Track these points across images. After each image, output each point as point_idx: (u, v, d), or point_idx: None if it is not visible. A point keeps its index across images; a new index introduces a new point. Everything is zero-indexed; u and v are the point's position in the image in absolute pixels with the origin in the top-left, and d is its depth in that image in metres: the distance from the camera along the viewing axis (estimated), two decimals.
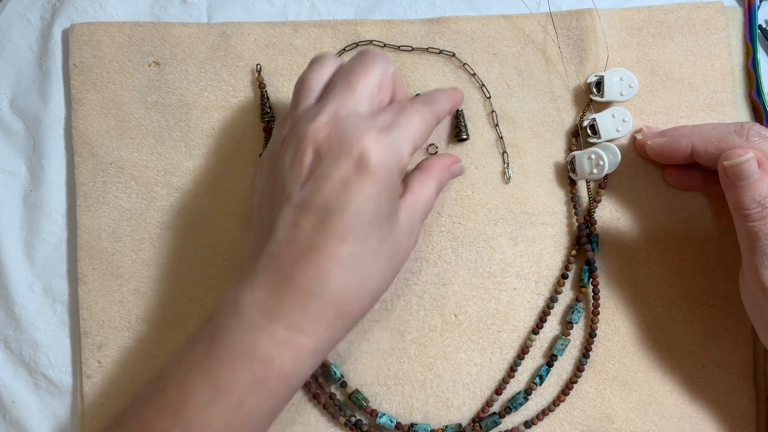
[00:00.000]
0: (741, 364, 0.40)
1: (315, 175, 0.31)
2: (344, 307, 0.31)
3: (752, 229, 0.33)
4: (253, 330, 0.30)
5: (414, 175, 0.37)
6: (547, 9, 0.42)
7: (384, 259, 0.32)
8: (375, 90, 0.33)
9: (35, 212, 0.42)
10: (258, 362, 0.30)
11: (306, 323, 0.30)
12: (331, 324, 0.31)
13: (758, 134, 0.34)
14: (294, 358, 0.30)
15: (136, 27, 0.42)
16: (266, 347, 0.30)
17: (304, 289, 0.30)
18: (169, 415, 0.30)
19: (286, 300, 0.30)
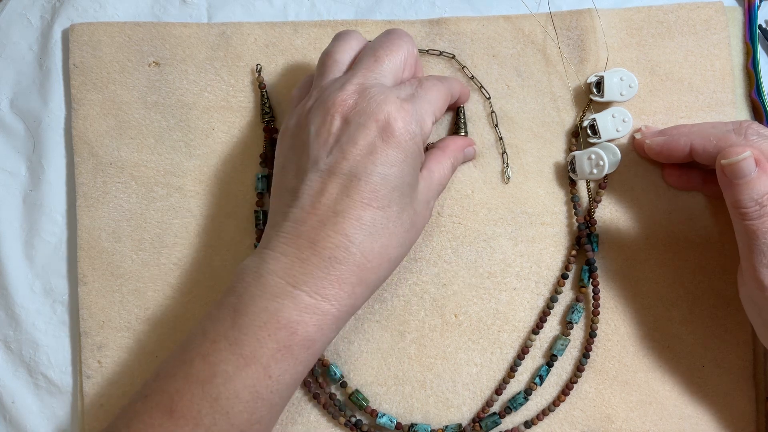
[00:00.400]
0: (741, 364, 0.40)
1: (341, 141, 0.32)
2: (365, 274, 0.32)
3: (750, 227, 0.33)
4: (278, 297, 0.30)
5: (431, 153, 0.38)
6: (547, 9, 0.42)
7: (403, 227, 0.33)
8: (400, 66, 0.35)
9: (35, 212, 0.42)
10: (283, 329, 0.30)
11: (329, 289, 0.31)
12: (353, 290, 0.32)
13: (756, 133, 0.34)
14: (318, 324, 0.31)
15: (136, 27, 0.42)
16: (291, 314, 0.30)
17: (328, 255, 0.31)
18: (197, 385, 0.30)
19: (309, 266, 0.31)
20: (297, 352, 0.31)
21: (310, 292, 0.31)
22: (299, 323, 0.30)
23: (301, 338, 0.30)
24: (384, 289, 0.41)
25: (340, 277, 0.31)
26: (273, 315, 0.30)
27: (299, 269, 0.31)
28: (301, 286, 0.31)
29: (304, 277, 0.31)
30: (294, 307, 0.30)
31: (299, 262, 0.31)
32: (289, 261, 0.31)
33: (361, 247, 0.31)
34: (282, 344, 0.30)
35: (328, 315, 0.31)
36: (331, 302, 0.31)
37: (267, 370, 0.30)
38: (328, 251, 0.31)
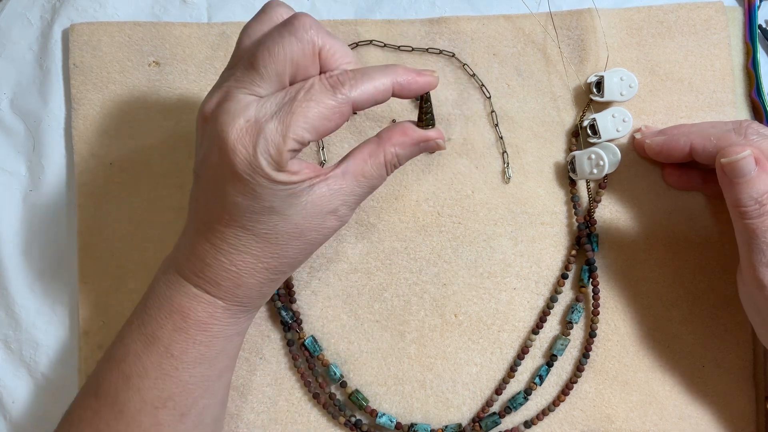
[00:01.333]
0: (741, 363, 0.40)
1: (200, 155, 0.32)
2: (241, 280, 0.33)
3: (750, 226, 0.33)
4: (172, 285, 0.33)
5: (363, 146, 0.33)
6: (547, 9, 0.42)
7: (279, 242, 0.32)
8: (285, 69, 0.30)
9: (35, 212, 0.42)
10: (176, 313, 0.33)
11: (208, 286, 0.33)
12: (232, 291, 0.33)
13: (756, 132, 0.34)
14: (207, 311, 0.33)
15: (136, 27, 0.42)
16: (181, 300, 0.33)
17: (202, 258, 0.32)
18: (114, 365, 0.33)
19: (190, 264, 0.33)
20: (193, 333, 0.33)
21: (194, 285, 0.33)
22: (189, 309, 0.33)
23: (193, 321, 0.33)
24: (384, 289, 0.41)
25: (213, 278, 0.32)
26: (167, 299, 0.33)
27: (185, 264, 0.33)
28: (189, 278, 0.33)
29: (189, 271, 0.33)
30: (184, 296, 0.33)
31: (185, 258, 0.33)
32: (181, 255, 0.33)
33: (228, 257, 0.32)
34: (177, 326, 0.33)
35: (215, 305, 0.33)
36: (214, 296, 0.33)
37: (168, 348, 0.33)
38: (201, 254, 0.32)
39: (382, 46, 0.42)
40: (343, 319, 0.40)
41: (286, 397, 0.40)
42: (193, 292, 0.33)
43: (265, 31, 0.31)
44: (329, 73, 0.31)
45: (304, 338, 0.40)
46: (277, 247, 0.32)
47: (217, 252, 0.32)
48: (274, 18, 0.32)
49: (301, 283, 0.41)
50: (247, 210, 0.30)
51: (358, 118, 0.42)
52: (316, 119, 0.29)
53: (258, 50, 0.30)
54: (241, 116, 0.29)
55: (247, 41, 0.32)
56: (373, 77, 0.31)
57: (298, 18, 0.30)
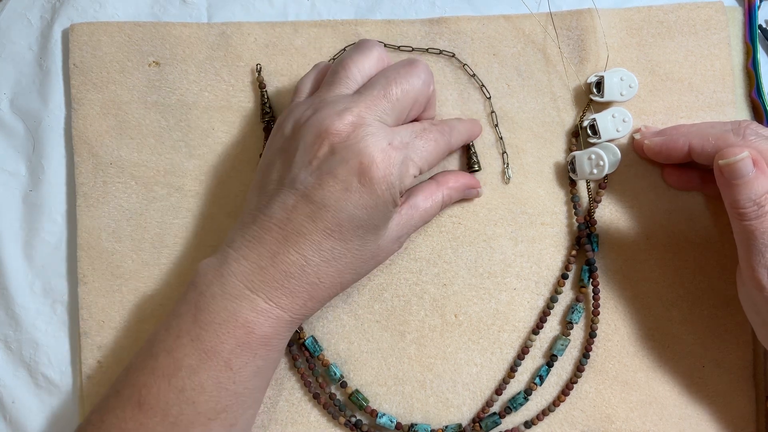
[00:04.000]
0: (741, 364, 0.40)
1: (323, 168, 0.32)
2: (316, 292, 0.34)
3: (748, 227, 0.33)
4: (237, 299, 0.32)
5: (424, 185, 0.38)
6: (547, 9, 0.42)
7: (361, 258, 0.34)
8: (408, 106, 0.35)
9: (35, 212, 0.42)
10: (241, 328, 0.32)
11: (282, 299, 0.33)
12: (304, 303, 0.34)
13: (755, 133, 0.34)
14: (273, 326, 0.33)
15: (136, 27, 0.42)
16: (248, 315, 0.32)
17: (285, 270, 0.32)
18: (163, 379, 0.32)
19: (267, 275, 0.32)
20: (255, 347, 0.33)
21: (266, 299, 0.32)
22: (256, 323, 0.32)
23: (258, 336, 0.33)
24: (384, 289, 0.41)
25: (292, 290, 0.33)
26: (232, 314, 0.32)
27: (258, 276, 0.32)
28: (258, 291, 0.32)
29: (261, 284, 0.32)
30: (251, 309, 0.32)
31: (258, 269, 0.32)
32: (249, 266, 0.33)
33: (316, 269, 0.33)
34: (240, 341, 0.32)
35: (281, 319, 0.33)
36: (284, 309, 0.33)
37: (228, 363, 0.32)
38: (285, 266, 0.32)
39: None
40: (343, 319, 0.40)
41: (287, 397, 0.40)
42: (262, 307, 0.32)
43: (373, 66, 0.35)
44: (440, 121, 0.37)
45: (304, 338, 0.40)
46: (359, 264, 0.34)
47: (305, 263, 0.32)
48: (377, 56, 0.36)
49: None
50: (359, 223, 0.33)
51: None
52: (432, 156, 0.35)
53: (391, 84, 0.34)
54: (384, 140, 0.32)
55: (357, 74, 0.35)
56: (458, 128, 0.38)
57: (421, 63, 0.35)
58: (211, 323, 0.32)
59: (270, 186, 0.34)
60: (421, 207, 0.37)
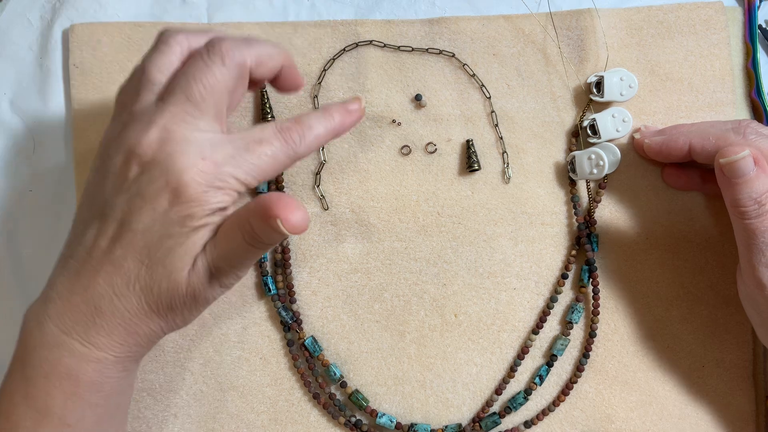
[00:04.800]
0: (740, 363, 0.40)
1: (132, 191, 0.29)
2: (133, 328, 0.30)
3: (749, 226, 0.33)
4: (54, 347, 0.29)
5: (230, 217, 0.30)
6: (547, 9, 0.42)
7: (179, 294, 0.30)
8: (221, 98, 0.30)
9: (35, 212, 0.42)
10: (65, 378, 0.29)
11: (97, 338, 0.29)
12: (124, 340, 0.30)
13: (755, 132, 0.34)
14: (98, 370, 0.30)
15: (136, 27, 0.42)
16: (69, 362, 0.29)
17: (95, 305, 0.29)
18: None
19: (78, 313, 0.29)
20: (87, 396, 0.30)
21: (81, 341, 0.29)
22: (79, 370, 0.29)
23: (86, 383, 0.30)
24: (384, 289, 0.41)
25: (106, 327, 0.29)
26: (53, 365, 0.29)
27: (70, 316, 0.29)
28: (72, 333, 0.29)
29: (74, 324, 0.29)
30: (70, 356, 0.29)
31: (70, 308, 0.29)
32: (62, 305, 0.29)
33: (125, 301, 0.29)
34: (69, 392, 0.29)
35: (105, 361, 0.30)
36: (103, 350, 0.30)
37: (63, 419, 0.29)
38: (95, 300, 0.29)
39: (382, 46, 0.42)
40: (343, 319, 0.40)
41: (286, 397, 0.40)
42: (80, 351, 0.29)
43: (176, 62, 0.31)
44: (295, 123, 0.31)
45: (304, 338, 0.40)
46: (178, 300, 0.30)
47: (114, 295, 0.29)
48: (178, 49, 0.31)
49: (301, 283, 0.41)
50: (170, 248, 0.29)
51: None
52: (267, 171, 0.30)
53: (191, 84, 0.29)
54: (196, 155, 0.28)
55: (158, 75, 0.31)
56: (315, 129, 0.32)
57: (218, 44, 0.30)
58: (37, 378, 0.29)
59: (85, 213, 0.31)
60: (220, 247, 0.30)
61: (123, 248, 0.29)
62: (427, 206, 0.41)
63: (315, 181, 0.41)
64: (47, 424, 0.29)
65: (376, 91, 0.42)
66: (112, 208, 0.29)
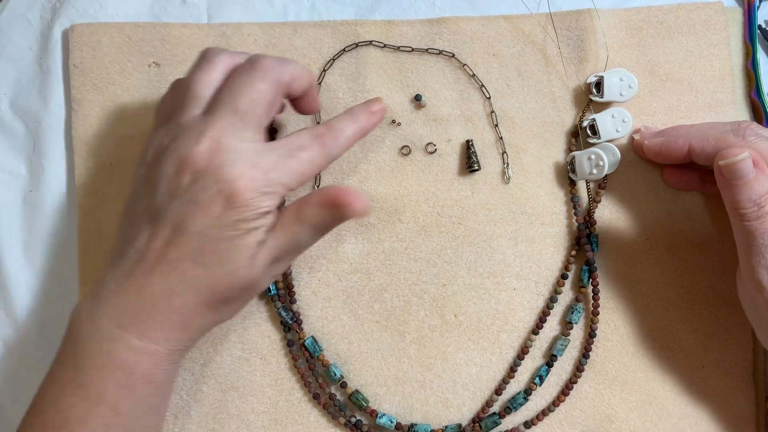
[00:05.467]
0: (740, 364, 0.40)
1: (185, 197, 0.31)
2: (188, 321, 0.32)
3: (748, 228, 0.33)
4: (110, 340, 0.31)
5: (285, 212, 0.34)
6: (547, 9, 0.42)
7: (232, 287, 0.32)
8: (263, 111, 0.33)
9: (35, 212, 0.42)
10: (120, 370, 0.31)
11: (154, 333, 0.31)
12: (179, 334, 0.32)
13: (755, 133, 0.34)
14: (153, 362, 0.32)
15: (136, 27, 0.42)
16: (124, 355, 0.31)
17: (151, 302, 0.31)
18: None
19: (135, 310, 0.31)
20: (139, 387, 0.31)
21: (138, 336, 0.31)
22: (134, 363, 0.31)
23: (139, 376, 0.31)
24: (384, 289, 0.41)
25: (162, 322, 0.31)
26: (108, 357, 0.31)
27: (126, 313, 0.31)
28: (128, 328, 0.31)
29: (130, 320, 0.31)
30: (126, 349, 0.31)
31: (126, 305, 0.31)
32: (118, 303, 0.31)
33: (181, 298, 0.31)
34: (123, 383, 0.31)
35: (159, 354, 0.32)
36: (158, 344, 0.32)
37: (115, 408, 0.31)
38: (151, 298, 0.31)
39: (382, 46, 0.42)
40: (343, 319, 0.41)
41: (287, 397, 0.40)
42: (135, 345, 0.31)
43: (218, 79, 0.34)
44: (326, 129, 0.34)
45: (304, 338, 0.40)
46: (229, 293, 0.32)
47: (171, 293, 0.31)
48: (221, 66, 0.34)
49: (301, 284, 0.41)
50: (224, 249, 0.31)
51: None
52: (307, 175, 0.33)
53: (237, 98, 0.32)
54: (247, 163, 0.31)
55: (203, 90, 0.33)
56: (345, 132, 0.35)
57: (260, 61, 0.33)
58: (91, 368, 0.31)
59: (136, 218, 0.33)
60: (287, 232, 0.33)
61: (179, 250, 0.31)
62: (427, 206, 0.41)
63: (315, 182, 0.41)
64: (99, 412, 0.31)
65: (376, 91, 0.42)
66: (165, 213, 0.31)
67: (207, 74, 0.34)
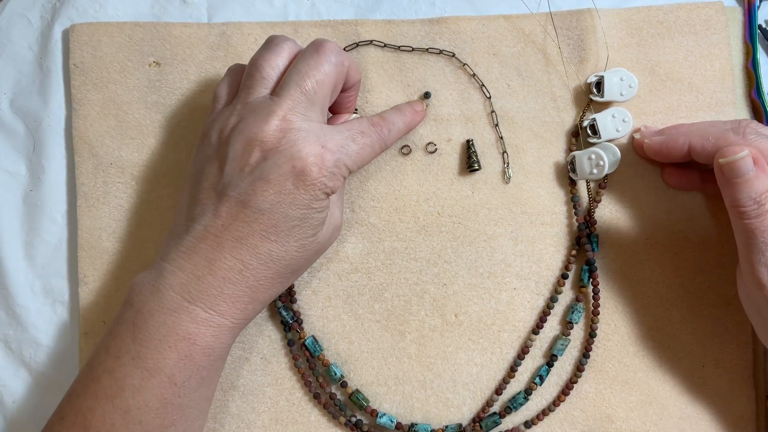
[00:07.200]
0: (741, 363, 0.40)
1: (255, 174, 0.32)
2: (257, 294, 0.33)
3: (748, 226, 0.33)
4: (175, 312, 0.32)
5: None
6: (547, 9, 0.42)
7: (302, 257, 0.34)
8: (328, 93, 0.34)
9: (35, 212, 0.42)
10: (182, 341, 0.32)
11: (222, 306, 0.32)
12: (245, 307, 0.33)
13: (755, 131, 0.34)
14: (214, 334, 0.33)
15: (136, 27, 0.42)
16: (188, 327, 0.32)
17: (222, 276, 0.32)
18: (107, 401, 0.31)
19: (204, 284, 0.32)
20: (198, 359, 0.32)
21: (205, 308, 0.32)
22: (197, 334, 0.32)
23: (200, 347, 0.32)
24: (384, 289, 0.41)
25: (232, 295, 0.32)
26: (171, 328, 0.32)
27: (195, 286, 0.32)
28: (197, 301, 0.32)
29: (199, 293, 0.32)
30: (191, 321, 0.32)
31: (195, 279, 0.32)
32: (185, 277, 0.32)
33: (254, 272, 0.33)
34: (183, 354, 0.32)
35: (223, 327, 0.33)
36: (224, 317, 0.33)
37: (171, 378, 0.32)
38: (222, 272, 0.32)
39: (382, 46, 0.42)
40: (344, 319, 0.41)
41: (287, 397, 0.40)
42: (201, 317, 0.32)
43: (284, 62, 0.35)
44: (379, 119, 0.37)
45: (304, 338, 0.40)
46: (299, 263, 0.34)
47: (243, 267, 0.32)
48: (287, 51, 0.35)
49: (301, 283, 0.41)
50: (295, 224, 0.33)
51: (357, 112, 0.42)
52: (366, 159, 0.36)
53: (304, 79, 0.33)
54: (317, 143, 0.33)
55: (270, 72, 0.35)
56: (397, 124, 0.38)
57: (327, 46, 0.35)
58: (151, 339, 0.31)
59: (201, 195, 0.33)
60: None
61: (249, 227, 0.32)
62: (427, 206, 0.41)
63: None
64: (155, 382, 0.31)
65: (376, 91, 0.42)
66: (232, 189, 0.32)
67: (274, 57, 0.35)
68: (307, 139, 0.32)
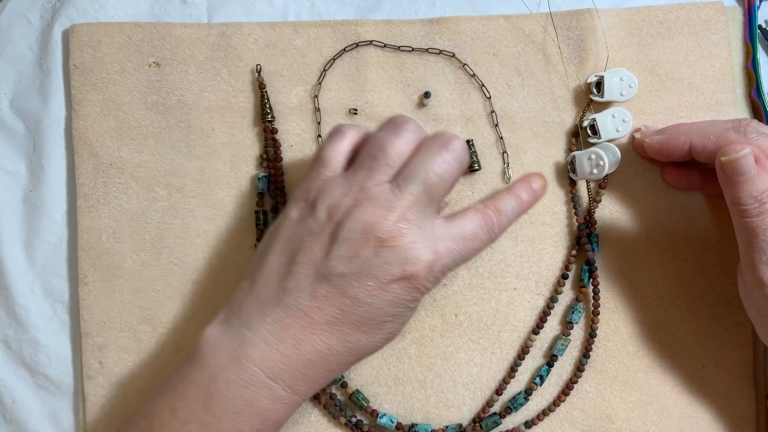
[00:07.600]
0: (741, 363, 0.40)
1: (364, 267, 0.32)
2: (332, 375, 0.34)
3: (749, 224, 0.33)
4: (254, 386, 0.31)
5: None
6: (547, 9, 0.42)
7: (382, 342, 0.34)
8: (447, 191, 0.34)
9: (35, 212, 0.42)
10: (257, 416, 0.32)
11: (301, 386, 0.32)
12: (318, 386, 0.34)
13: (756, 130, 0.34)
14: (288, 411, 0.33)
15: (136, 27, 0.42)
16: (265, 404, 0.32)
17: (308, 358, 0.32)
18: None
19: (290, 363, 0.32)
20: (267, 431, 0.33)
21: (285, 386, 0.32)
22: (272, 411, 0.32)
23: (272, 422, 0.32)
24: None
25: (312, 377, 0.33)
26: (248, 402, 0.31)
27: (279, 364, 0.32)
28: (278, 379, 0.32)
29: (281, 372, 0.32)
30: (269, 398, 0.32)
31: (281, 357, 0.32)
32: (270, 353, 0.31)
33: (338, 357, 0.33)
34: (256, 429, 0.32)
35: (295, 404, 0.33)
36: (300, 395, 0.33)
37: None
38: (308, 354, 0.32)
39: (382, 46, 0.42)
40: None
41: None
42: (280, 395, 0.32)
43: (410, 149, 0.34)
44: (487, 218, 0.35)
45: None
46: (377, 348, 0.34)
47: (329, 352, 0.32)
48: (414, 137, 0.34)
49: None
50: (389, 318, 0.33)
51: (359, 118, 0.41)
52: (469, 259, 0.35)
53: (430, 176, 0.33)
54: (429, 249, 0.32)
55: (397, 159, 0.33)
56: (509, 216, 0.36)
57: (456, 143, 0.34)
58: (226, 412, 0.31)
59: (298, 268, 0.32)
60: None
61: (345, 316, 0.32)
62: None
63: None
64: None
65: (376, 91, 0.42)
66: (336, 276, 0.32)
67: (402, 144, 0.34)
68: (421, 242, 0.32)
